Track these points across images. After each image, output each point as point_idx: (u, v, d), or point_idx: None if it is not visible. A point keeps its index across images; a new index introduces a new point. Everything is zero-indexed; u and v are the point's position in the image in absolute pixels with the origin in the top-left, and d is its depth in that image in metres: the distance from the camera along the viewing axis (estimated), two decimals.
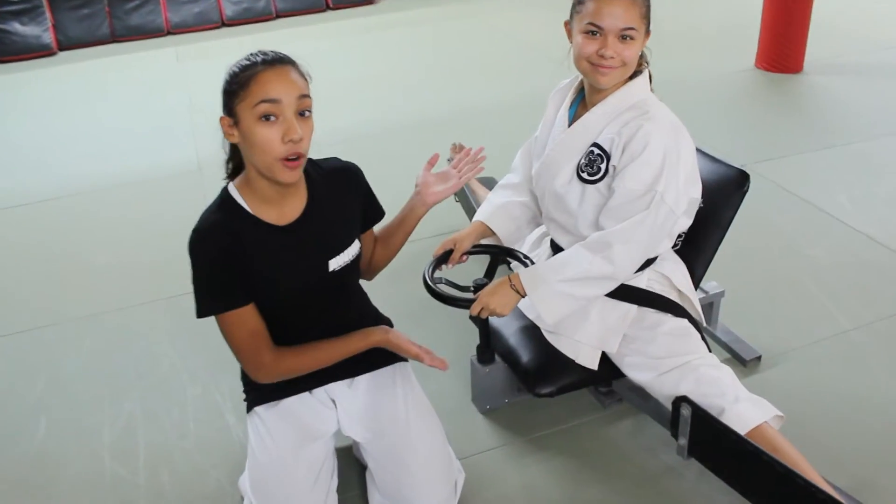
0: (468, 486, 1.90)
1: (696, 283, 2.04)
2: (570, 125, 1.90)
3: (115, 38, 6.62)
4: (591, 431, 2.11)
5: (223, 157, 1.65)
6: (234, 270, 1.55)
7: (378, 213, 1.83)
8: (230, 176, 1.66)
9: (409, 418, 1.77)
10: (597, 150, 1.82)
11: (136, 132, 4.63)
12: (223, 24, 6.85)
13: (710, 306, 2.37)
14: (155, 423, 2.27)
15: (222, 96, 1.52)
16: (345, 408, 1.81)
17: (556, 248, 2.02)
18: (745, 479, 1.67)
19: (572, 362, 1.92)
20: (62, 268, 3.19)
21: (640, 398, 2.01)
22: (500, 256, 2.03)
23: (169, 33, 6.72)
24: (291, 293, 1.65)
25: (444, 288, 1.90)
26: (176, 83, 5.45)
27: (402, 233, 1.88)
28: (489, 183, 2.98)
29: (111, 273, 3.10)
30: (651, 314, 1.90)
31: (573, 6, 1.80)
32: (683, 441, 1.78)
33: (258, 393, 1.79)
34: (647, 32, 1.79)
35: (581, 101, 1.94)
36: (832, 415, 2.13)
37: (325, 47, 6.08)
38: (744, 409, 1.71)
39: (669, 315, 1.90)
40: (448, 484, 1.76)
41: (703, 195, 1.90)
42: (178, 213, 3.44)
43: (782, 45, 4.76)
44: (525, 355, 1.99)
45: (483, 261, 2.12)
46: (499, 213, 2.09)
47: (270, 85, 1.46)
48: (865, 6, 6.25)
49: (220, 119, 1.53)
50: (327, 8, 7.17)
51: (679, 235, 1.96)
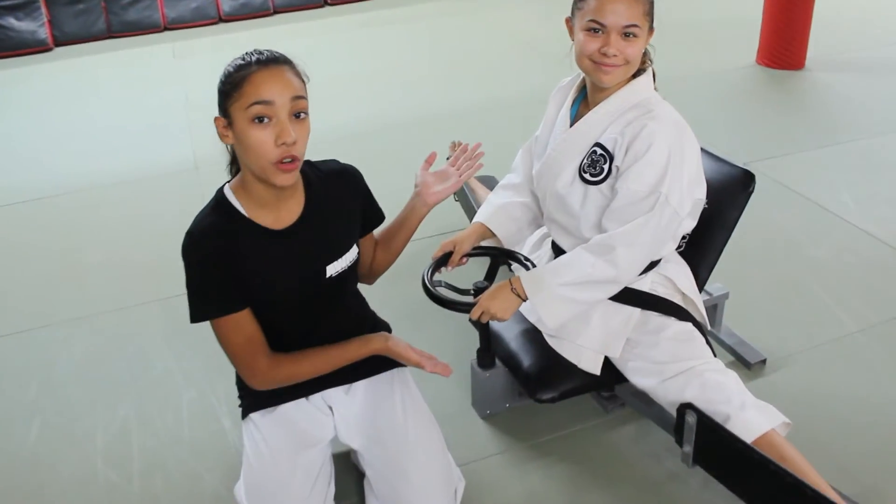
0: (468, 494, 1.86)
1: (701, 285, 2.00)
2: (571, 125, 1.86)
3: (111, 33, 6.57)
4: (593, 437, 2.07)
5: (220, 155, 1.61)
6: (229, 274, 1.52)
7: (378, 217, 1.79)
8: (235, 172, 1.61)
9: (408, 425, 1.73)
10: (599, 151, 1.78)
11: (132, 129, 4.58)
12: (220, 20, 6.80)
13: (713, 308, 2.33)
14: (149, 428, 2.23)
15: (217, 96, 1.48)
16: (342, 414, 1.78)
17: (557, 249, 1.98)
18: (752, 488, 1.64)
19: (574, 367, 1.88)
20: (56, 267, 3.15)
21: (644, 403, 1.97)
22: (500, 259, 1.99)
23: (166, 29, 6.67)
24: (288, 299, 1.62)
25: (443, 291, 1.86)
26: (172, 80, 5.40)
27: (403, 235, 1.83)
28: (489, 181, 2.93)
29: (106, 273, 3.06)
30: (655, 318, 1.87)
31: (574, 2, 1.76)
32: (688, 448, 1.75)
33: (253, 399, 1.76)
34: (651, 30, 1.75)
35: (583, 100, 1.90)
36: (838, 419, 2.09)
37: (322, 43, 6.03)
38: (750, 417, 1.67)
39: (673, 319, 1.86)
40: (448, 492, 1.72)
41: (708, 196, 1.86)
42: (173, 213, 3.39)
43: (784, 40, 4.70)
44: (526, 360, 1.95)
45: (483, 263, 2.08)
46: (499, 214, 2.05)
47: (264, 86, 1.42)
48: (868, 1, 6.20)
49: (215, 120, 1.49)
50: (325, 4, 7.11)
51: (683, 237, 1.92)
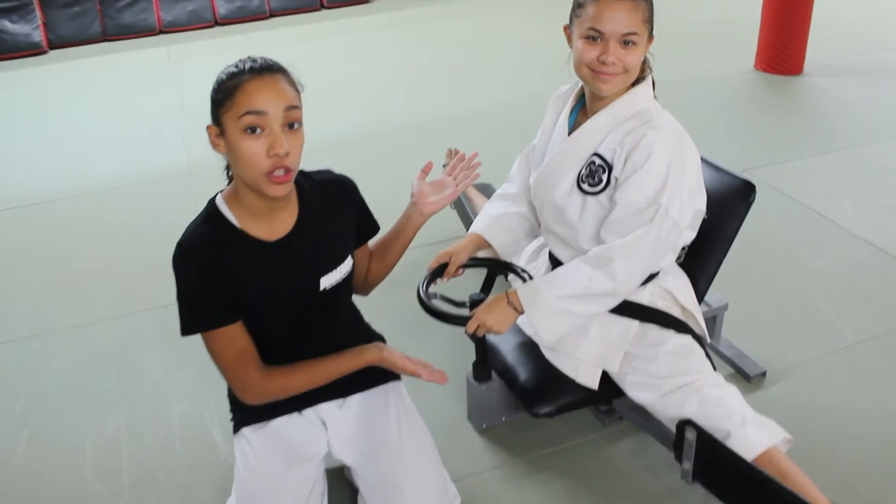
0: None
1: (700, 297, 1.97)
2: (570, 133, 1.83)
3: (106, 36, 6.53)
4: (591, 451, 2.04)
5: (215, 161, 1.57)
6: (221, 287, 1.48)
7: (373, 228, 1.76)
8: (230, 182, 1.58)
9: (402, 441, 1.70)
10: (598, 161, 1.75)
11: (126, 134, 4.54)
12: (216, 23, 6.77)
13: (712, 320, 2.30)
14: (140, 441, 2.19)
15: (210, 104, 1.44)
16: (335, 429, 1.74)
17: (554, 261, 1.95)
18: None
19: (572, 381, 1.85)
20: (47, 275, 3.11)
21: (642, 417, 1.94)
22: (497, 270, 1.96)
23: (161, 32, 6.64)
24: (280, 312, 1.58)
25: (438, 304, 1.83)
26: (167, 84, 5.36)
27: (399, 246, 1.80)
28: (486, 189, 2.90)
29: (97, 281, 3.02)
30: (653, 331, 1.83)
31: (573, 10, 1.73)
32: (688, 465, 1.71)
33: (245, 413, 1.72)
34: (650, 37, 1.72)
35: (581, 109, 1.87)
36: (839, 433, 2.06)
37: (318, 47, 6.00)
38: (751, 433, 1.63)
39: (672, 332, 1.83)
40: None
41: (708, 206, 1.83)
42: (167, 219, 3.37)
43: (782, 45, 4.69)
44: (523, 373, 1.92)
45: (479, 274, 2.05)
46: (495, 224, 2.02)
47: (256, 95, 1.39)
48: (868, 5, 6.18)
49: (207, 128, 1.46)
50: (322, 7, 7.09)
51: (683, 248, 1.89)
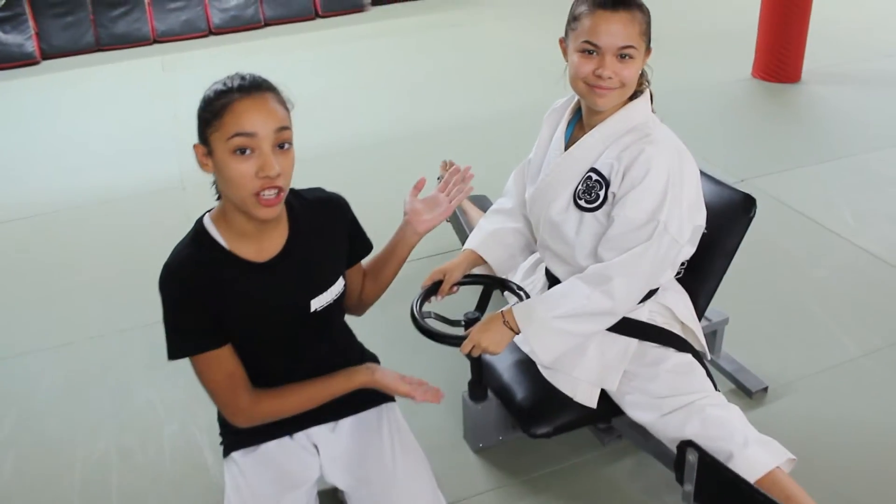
0: None
1: (700, 313, 1.93)
2: (566, 148, 1.80)
3: (99, 46, 6.49)
4: (589, 471, 1.99)
5: (210, 175, 1.52)
6: (208, 310, 1.44)
7: (366, 247, 1.71)
8: (219, 197, 1.53)
9: (396, 464, 1.65)
10: (595, 176, 1.72)
11: (119, 146, 4.50)
12: (210, 33, 6.73)
13: (713, 335, 2.26)
14: (129, 462, 2.15)
15: (197, 122, 1.40)
16: (327, 453, 1.70)
17: (551, 277, 1.91)
18: None
19: (570, 400, 1.81)
20: (36, 291, 3.06)
21: (641, 436, 1.90)
22: (492, 287, 1.92)
23: (155, 42, 6.60)
24: (270, 334, 1.54)
25: (433, 323, 1.78)
26: (161, 94, 5.32)
27: (393, 265, 1.75)
28: (482, 202, 2.86)
29: (87, 297, 2.98)
30: (653, 349, 1.79)
31: (568, 23, 1.70)
32: (689, 487, 1.67)
33: (235, 437, 1.68)
34: (648, 50, 1.69)
35: (578, 123, 1.83)
36: (844, 450, 2.03)
37: (314, 56, 5.97)
38: (753, 455, 1.59)
39: (672, 350, 1.79)
40: None
41: (708, 221, 1.80)
42: (158, 234, 3.30)
43: (780, 53, 4.66)
44: (520, 392, 1.88)
45: (475, 290, 2.01)
46: (490, 240, 1.98)
47: (246, 116, 1.34)
48: (866, 12, 6.16)
49: (195, 147, 1.41)
50: (317, 16, 7.06)
51: (682, 264, 1.85)
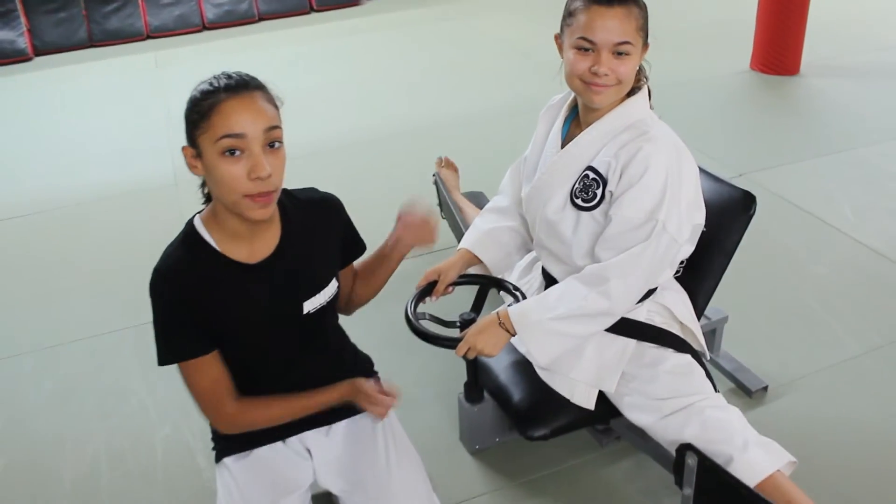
0: None
1: (699, 313, 1.90)
2: (562, 146, 1.76)
3: (92, 42, 6.42)
4: (587, 473, 1.97)
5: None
6: (199, 314, 1.41)
7: (359, 248, 1.68)
8: (207, 200, 1.50)
9: (391, 468, 1.62)
10: (592, 175, 1.68)
11: (112, 143, 4.45)
12: (204, 28, 6.67)
13: (712, 333, 2.23)
14: (120, 467, 2.12)
15: (184, 124, 1.36)
16: (321, 457, 1.67)
17: (547, 276, 1.88)
18: None
19: (567, 401, 1.78)
20: (27, 292, 3.03)
21: (640, 437, 1.87)
22: (488, 287, 1.89)
23: (148, 37, 6.53)
24: (263, 336, 1.51)
25: (427, 325, 1.75)
26: (154, 90, 5.26)
27: (384, 271, 1.71)
28: (478, 198, 2.83)
29: (79, 297, 2.94)
30: (651, 350, 1.76)
31: (563, 18, 1.66)
32: (689, 491, 1.64)
33: (227, 442, 1.64)
34: (645, 45, 1.65)
35: (574, 120, 1.80)
36: (845, 450, 2.00)
37: (309, 50, 5.92)
38: (754, 458, 1.57)
39: (671, 350, 1.76)
40: None
41: (707, 219, 1.76)
42: (151, 233, 3.27)
43: (778, 45, 4.61)
44: (516, 394, 1.85)
45: (470, 289, 1.97)
46: (486, 239, 1.94)
47: (235, 117, 1.31)
48: (865, 4, 6.11)
49: (183, 149, 1.38)
50: (311, 10, 6.99)
51: (681, 262, 1.82)
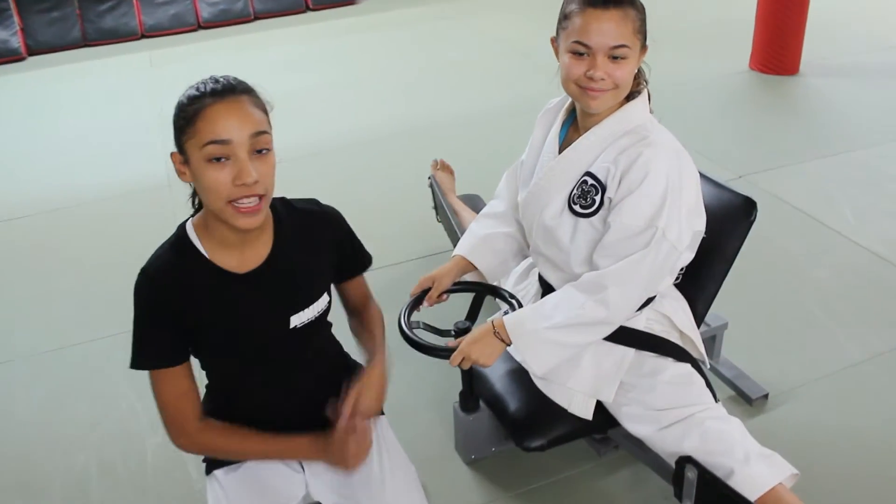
0: None
1: (699, 320, 1.87)
2: (560, 151, 1.72)
3: (86, 42, 6.37)
4: (585, 484, 1.93)
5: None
6: (179, 321, 1.39)
7: (364, 262, 1.63)
8: (197, 211, 1.47)
9: (384, 480, 1.59)
10: (590, 180, 1.64)
11: (105, 143, 4.41)
12: (199, 27, 6.62)
13: (711, 340, 2.20)
14: (110, 477, 2.08)
15: (172, 130, 1.33)
16: (313, 470, 1.63)
17: (544, 283, 1.84)
18: None
19: (564, 411, 1.74)
20: (16, 297, 2.99)
21: (639, 447, 1.84)
22: (483, 295, 1.85)
23: (143, 36, 6.49)
24: (247, 348, 1.47)
25: (421, 334, 1.72)
26: (149, 90, 5.22)
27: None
28: (474, 202, 2.78)
29: (69, 303, 2.90)
30: (650, 359, 1.73)
31: (559, 21, 1.62)
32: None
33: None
34: (644, 48, 1.61)
35: (572, 124, 1.76)
36: (846, 459, 1.97)
37: (304, 50, 5.88)
38: (755, 471, 1.53)
39: (670, 360, 1.73)
40: None
41: (707, 225, 1.72)
42: (143, 236, 3.18)
43: (777, 45, 4.58)
44: (512, 403, 1.81)
45: (465, 297, 1.94)
46: (481, 246, 1.91)
47: (220, 123, 1.27)
48: (865, 4, 6.07)
49: (171, 155, 1.34)
50: (307, 9, 6.95)
51: (681, 269, 1.79)
